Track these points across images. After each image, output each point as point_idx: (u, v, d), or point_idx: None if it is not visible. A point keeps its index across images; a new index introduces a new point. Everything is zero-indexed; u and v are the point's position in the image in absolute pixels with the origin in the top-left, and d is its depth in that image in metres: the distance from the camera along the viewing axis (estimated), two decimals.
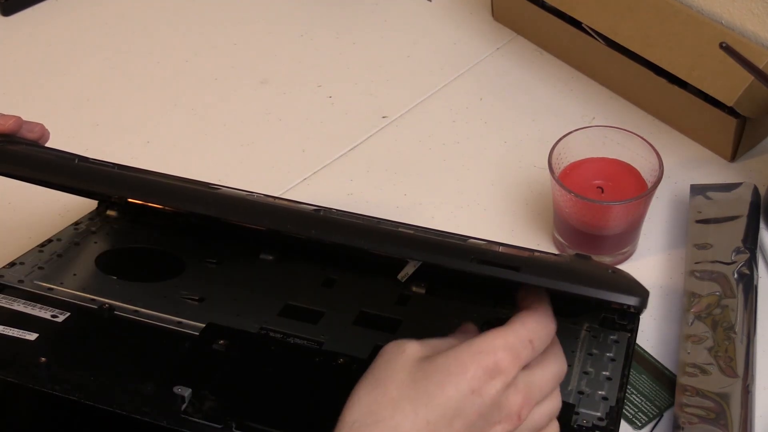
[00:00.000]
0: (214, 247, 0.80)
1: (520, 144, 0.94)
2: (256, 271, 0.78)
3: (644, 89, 0.94)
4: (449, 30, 1.06)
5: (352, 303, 0.75)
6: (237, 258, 0.79)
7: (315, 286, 0.77)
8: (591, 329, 0.74)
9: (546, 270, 0.63)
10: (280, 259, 0.79)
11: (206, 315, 0.73)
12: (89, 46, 1.07)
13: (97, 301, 0.73)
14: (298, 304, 0.75)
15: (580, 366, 0.71)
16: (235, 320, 0.72)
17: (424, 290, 0.77)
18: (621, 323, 0.74)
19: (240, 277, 0.78)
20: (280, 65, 1.03)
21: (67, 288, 0.74)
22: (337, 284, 0.77)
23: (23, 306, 0.71)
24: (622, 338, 0.73)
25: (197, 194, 0.70)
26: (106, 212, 0.84)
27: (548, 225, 0.86)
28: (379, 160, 0.93)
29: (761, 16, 0.87)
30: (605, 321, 0.75)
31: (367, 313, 0.74)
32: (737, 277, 0.78)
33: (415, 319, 0.74)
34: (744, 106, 0.85)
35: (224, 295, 0.75)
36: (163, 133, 0.97)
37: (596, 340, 0.73)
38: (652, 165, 0.80)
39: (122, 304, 0.72)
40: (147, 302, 0.73)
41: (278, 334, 0.71)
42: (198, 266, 0.78)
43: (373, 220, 0.72)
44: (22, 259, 0.77)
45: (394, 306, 0.75)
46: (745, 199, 0.83)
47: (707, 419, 0.70)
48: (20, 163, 0.71)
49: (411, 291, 0.77)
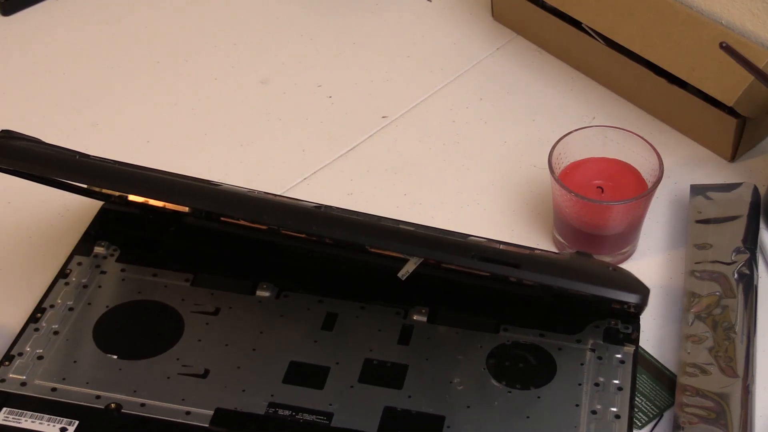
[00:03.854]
0: (208, 285, 0.79)
1: (520, 144, 0.94)
2: (255, 319, 0.77)
3: (644, 89, 0.94)
4: (449, 30, 1.06)
5: (355, 349, 0.75)
6: (233, 302, 0.78)
7: (316, 329, 0.76)
8: (595, 347, 0.74)
9: (546, 267, 0.63)
10: (277, 295, 0.79)
11: (212, 396, 0.72)
12: (89, 46, 1.07)
13: (103, 398, 0.72)
14: (302, 360, 0.74)
15: (588, 402, 0.71)
16: (241, 398, 0.72)
17: (425, 318, 0.77)
18: (625, 332, 0.74)
19: (240, 331, 0.76)
20: (280, 65, 1.03)
21: (71, 385, 0.73)
22: (338, 322, 0.77)
23: (31, 422, 0.70)
24: (627, 357, 0.73)
25: (198, 190, 0.70)
26: (93, 250, 0.82)
27: (548, 225, 0.86)
28: (379, 160, 0.93)
29: (761, 16, 0.87)
30: (609, 333, 0.75)
31: (372, 363, 0.74)
32: (737, 277, 0.78)
33: (420, 358, 0.74)
34: (744, 106, 0.85)
35: (227, 362, 0.74)
36: (163, 133, 0.97)
37: (602, 364, 0.73)
38: (652, 165, 0.80)
39: (128, 398, 0.72)
40: (152, 389, 0.72)
41: (286, 410, 0.71)
42: (195, 322, 0.77)
43: (374, 218, 0.72)
44: (20, 347, 0.75)
45: (398, 347, 0.75)
46: (745, 199, 0.83)
47: (707, 419, 0.70)
48: (21, 159, 0.71)
49: (413, 320, 0.76)
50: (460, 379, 0.73)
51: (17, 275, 0.84)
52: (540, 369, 0.73)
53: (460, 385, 0.72)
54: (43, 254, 0.85)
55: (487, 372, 0.73)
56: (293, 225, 0.69)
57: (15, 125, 0.80)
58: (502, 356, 0.74)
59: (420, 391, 0.72)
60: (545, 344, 0.75)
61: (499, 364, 0.74)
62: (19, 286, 0.83)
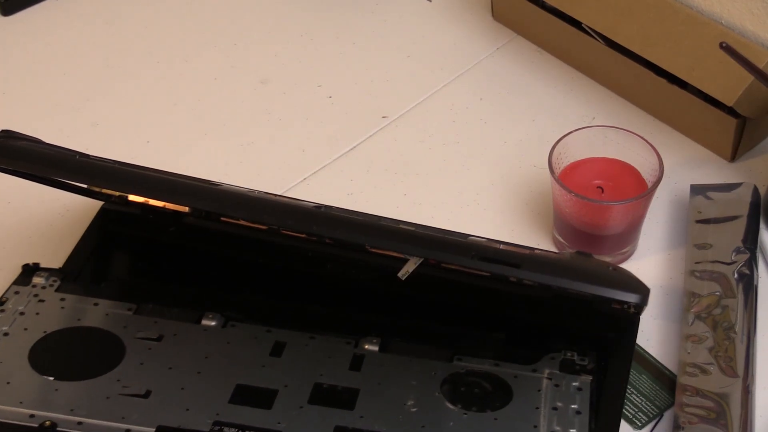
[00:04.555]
0: (152, 314, 0.77)
1: (520, 144, 0.94)
2: (200, 345, 0.75)
3: (644, 89, 0.94)
4: (449, 30, 1.06)
5: (304, 374, 0.72)
6: (178, 330, 0.76)
7: (264, 355, 0.74)
8: (552, 376, 0.73)
9: (547, 267, 0.63)
10: (223, 324, 0.76)
11: (154, 414, 0.69)
12: (89, 46, 1.07)
13: (37, 417, 0.69)
14: (248, 383, 0.72)
15: (546, 424, 0.69)
16: (185, 416, 0.69)
17: (377, 347, 0.75)
18: (581, 364, 0.73)
19: (184, 356, 0.74)
20: (280, 65, 1.03)
21: (4, 405, 0.70)
22: (287, 350, 0.74)
23: None
24: (585, 385, 0.72)
25: (198, 190, 0.70)
26: (32, 280, 0.80)
27: (548, 225, 0.86)
28: (379, 160, 0.93)
29: (761, 16, 0.87)
30: (565, 365, 0.74)
31: (322, 386, 0.72)
32: (737, 277, 0.78)
33: (372, 385, 0.72)
34: (744, 106, 0.85)
35: (170, 383, 0.72)
36: (163, 133, 0.97)
37: (559, 390, 0.72)
38: (652, 165, 0.80)
39: (64, 416, 0.69)
40: (90, 408, 0.70)
41: (232, 428, 0.68)
42: (137, 347, 0.74)
43: (374, 218, 0.72)
44: None
45: (349, 373, 0.73)
46: (745, 199, 0.83)
47: (707, 419, 0.70)
48: (21, 159, 0.70)
49: (364, 350, 0.74)
50: (414, 401, 0.71)
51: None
52: (496, 394, 0.72)
53: (414, 407, 0.71)
54: (42, 254, 0.85)
55: (441, 396, 0.71)
56: (293, 225, 0.68)
57: (15, 125, 0.80)
58: (457, 382, 0.72)
59: (372, 412, 0.70)
60: (501, 372, 0.73)
61: (454, 389, 0.72)
62: None
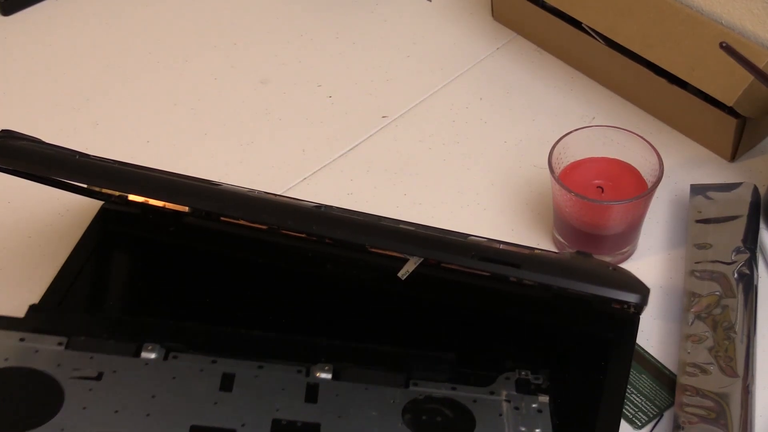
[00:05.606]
0: (86, 348, 0.71)
1: (520, 144, 0.94)
2: (144, 383, 0.69)
3: (644, 89, 0.94)
4: (449, 30, 1.06)
5: (260, 410, 0.69)
6: (117, 366, 0.70)
7: (213, 390, 0.69)
8: (510, 398, 0.71)
9: (547, 267, 0.63)
10: (165, 356, 0.72)
11: None
12: (89, 46, 1.07)
13: None
14: (203, 423, 0.67)
15: None
16: None
17: (329, 375, 0.72)
18: (536, 383, 0.72)
19: (129, 396, 0.68)
20: (280, 65, 1.03)
21: None
22: (237, 383, 0.70)
23: None
24: (544, 406, 0.71)
25: (198, 190, 0.69)
26: None
27: (548, 225, 0.86)
28: (379, 160, 0.93)
29: (761, 16, 0.87)
30: (521, 384, 0.72)
31: (281, 423, 0.68)
32: (737, 277, 0.78)
33: (332, 417, 0.69)
34: (744, 106, 0.85)
35: (119, 429, 0.66)
36: (163, 133, 0.97)
37: (520, 413, 0.70)
38: (652, 165, 0.80)
39: None
40: None
41: None
42: (76, 389, 0.68)
43: (374, 218, 0.72)
44: None
45: (306, 405, 0.69)
46: (745, 199, 0.83)
47: (707, 419, 0.69)
48: (21, 159, 0.70)
49: (317, 378, 0.71)
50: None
51: (17, 275, 0.84)
52: (458, 421, 0.70)
53: None
54: (42, 254, 0.85)
55: (405, 427, 0.69)
56: (293, 225, 0.68)
57: (15, 125, 0.80)
58: (418, 410, 0.70)
59: None
60: (459, 397, 0.71)
61: (416, 418, 0.69)
62: (19, 285, 0.83)
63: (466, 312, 0.78)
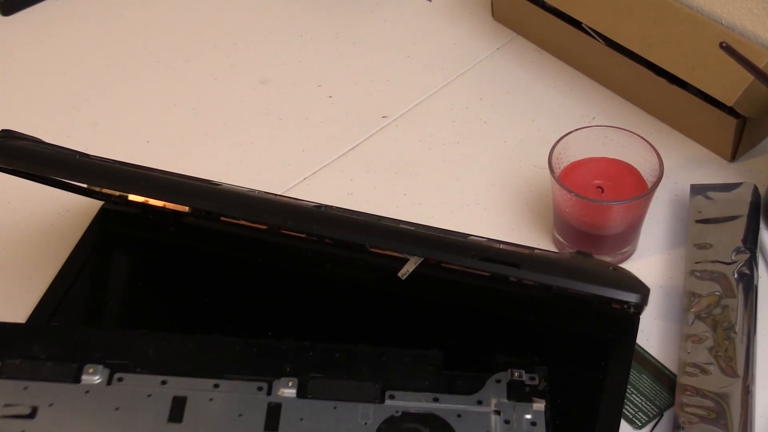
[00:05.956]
0: (18, 375, 0.65)
1: (520, 144, 0.94)
2: (85, 417, 0.63)
3: (644, 89, 0.94)
4: (449, 30, 1.06)
5: None
6: (54, 396, 0.63)
7: (162, 422, 0.63)
8: (500, 407, 0.65)
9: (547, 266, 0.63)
10: (108, 380, 0.65)
11: None
12: (89, 46, 1.07)
13: None
14: None
15: None
16: None
17: (294, 391, 0.65)
18: (531, 384, 0.67)
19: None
20: (280, 65, 1.03)
21: None
22: (189, 409, 0.63)
23: None
24: (539, 417, 0.65)
25: (198, 190, 0.69)
26: None
27: (548, 225, 0.86)
28: (379, 160, 0.93)
29: (761, 16, 0.87)
30: (513, 388, 0.67)
31: None
32: (737, 277, 0.78)
33: None
34: (744, 106, 0.85)
35: None
36: (163, 133, 0.97)
37: (509, 428, 0.64)
38: (652, 165, 0.80)
39: None
40: None
41: None
42: (6, 430, 0.62)
43: (374, 217, 0.72)
44: None
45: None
46: (745, 199, 0.83)
47: (707, 419, 0.69)
48: (21, 159, 0.70)
49: (279, 396, 0.65)
50: None
51: (17, 275, 0.84)
52: None
53: None
54: (42, 254, 0.85)
55: None
56: (293, 225, 0.68)
57: (15, 125, 0.80)
58: (394, 431, 0.63)
59: None
60: (441, 411, 0.64)
61: None
62: (19, 285, 0.83)
63: (465, 312, 0.78)
